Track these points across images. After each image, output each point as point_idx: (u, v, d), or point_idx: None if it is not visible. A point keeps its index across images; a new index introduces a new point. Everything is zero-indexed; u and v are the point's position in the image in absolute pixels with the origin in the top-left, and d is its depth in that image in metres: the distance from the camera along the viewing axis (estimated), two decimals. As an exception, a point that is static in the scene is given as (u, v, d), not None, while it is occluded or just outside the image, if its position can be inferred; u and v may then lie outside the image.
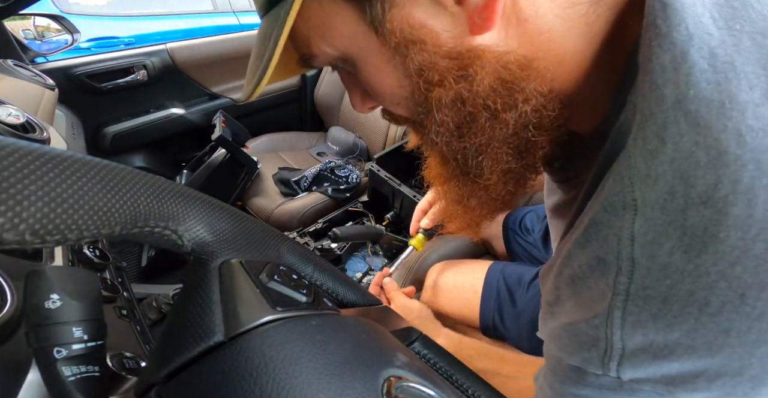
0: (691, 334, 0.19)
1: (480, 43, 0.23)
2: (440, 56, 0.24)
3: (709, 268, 0.18)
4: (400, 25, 0.23)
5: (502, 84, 0.24)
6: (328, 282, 0.32)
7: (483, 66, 0.24)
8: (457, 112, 0.26)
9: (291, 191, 1.31)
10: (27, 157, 0.16)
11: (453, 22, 0.23)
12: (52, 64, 1.19)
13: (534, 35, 0.23)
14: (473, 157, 0.28)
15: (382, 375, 0.20)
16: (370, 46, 0.25)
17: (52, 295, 0.23)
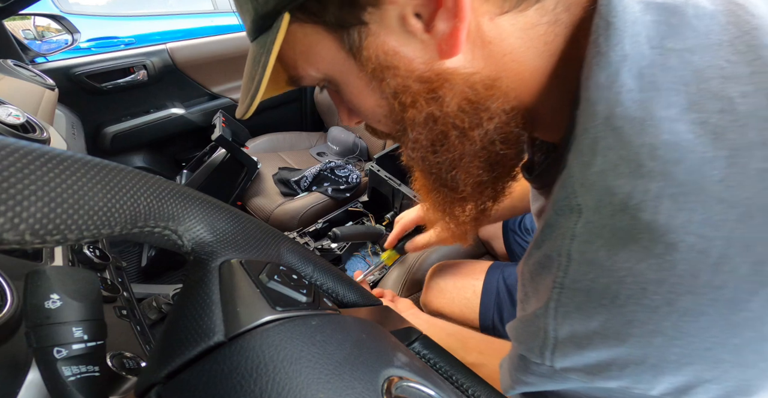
0: (605, 324, 0.21)
1: (449, 66, 0.25)
2: (412, 80, 0.26)
3: (621, 264, 0.20)
4: (375, 53, 0.25)
5: (469, 104, 0.26)
6: (328, 282, 0.32)
7: (452, 88, 0.26)
8: (429, 130, 0.28)
9: (291, 191, 1.31)
10: (27, 157, 0.16)
11: (423, 49, 0.25)
12: (52, 64, 1.19)
13: (498, 56, 0.25)
14: (447, 170, 0.30)
15: (382, 375, 0.20)
16: (350, 71, 0.27)
17: (52, 295, 0.23)
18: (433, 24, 0.23)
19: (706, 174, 0.18)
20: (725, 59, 0.20)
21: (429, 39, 0.24)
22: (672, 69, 0.21)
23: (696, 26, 0.21)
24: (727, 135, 0.19)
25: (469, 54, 0.25)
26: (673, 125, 0.19)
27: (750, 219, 0.17)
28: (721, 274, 0.17)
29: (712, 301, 0.18)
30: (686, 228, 0.18)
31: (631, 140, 0.20)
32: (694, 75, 0.20)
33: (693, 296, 0.18)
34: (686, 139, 0.19)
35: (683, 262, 0.18)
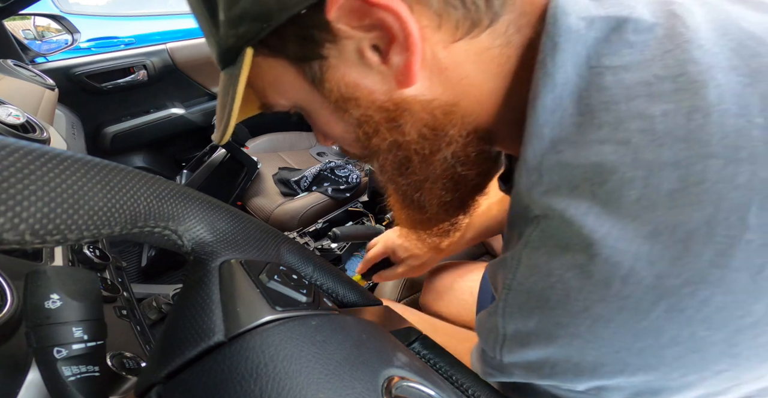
0: (539, 325, 0.23)
1: (408, 95, 0.26)
2: (374, 110, 0.27)
3: (555, 271, 0.22)
4: (336, 85, 0.26)
5: (430, 130, 0.27)
6: (328, 282, 0.32)
7: (412, 115, 0.27)
8: (394, 156, 0.30)
9: (291, 191, 1.31)
10: (27, 157, 0.16)
11: (382, 80, 0.25)
12: (52, 64, 1.19)
13: (455, 81, 0.26)
14: (413, 192, 0.32)
15: (382, 375, 0.20)
16: (315, 101, 0.28)
17: (52, 295, 0.23)
18: (388, 57, 0.24)
19: (625, 193, 0.19)
20: (654, 74, 0.21)
21: (387, 70, 0.25)
22: (606, 89, 0.22)
23: (633, 42, 0.22)
24: (645, 155, 0.19)
25: (427, 81, 0.25)
26: (602, 147, 0.21)
27: (657, 237, 0.18)
28: (629, 285, 0.19)
29: (619, 309, 0.19)
30: (604, 243, 0.19)
31: (569, 162, 0.22)
32: (624, 93, 0.21)
33: (604, 304, 0.20)
34: (610, 160, 0.20)
35: (599, 273, 0.20)
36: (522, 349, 0.24)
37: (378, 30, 0.22)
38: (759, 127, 0.18)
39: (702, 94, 0.19)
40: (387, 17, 0.21)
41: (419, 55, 0.23)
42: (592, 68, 0.23)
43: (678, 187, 0.18)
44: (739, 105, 0.18)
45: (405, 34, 0.22)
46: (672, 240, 0.18)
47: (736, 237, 0.17)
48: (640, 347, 0.20)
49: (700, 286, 0.18)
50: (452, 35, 0.23)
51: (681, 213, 0.18)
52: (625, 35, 0.22)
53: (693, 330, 0.18)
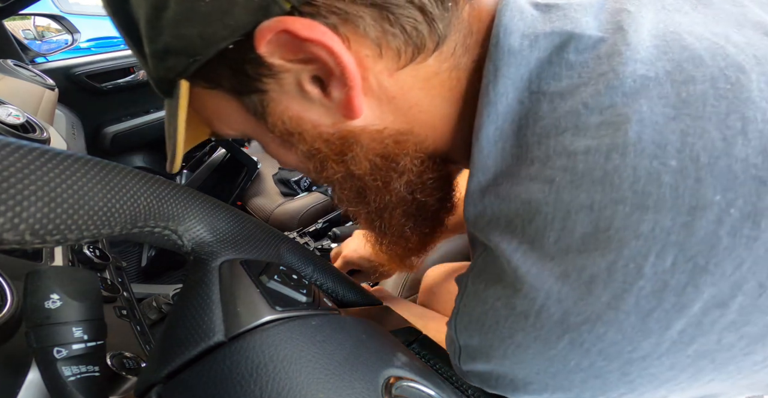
0: (479, 344, 0.24)
1: (356, 126, 0.25)
2: (321, 143, 0.26)
3: (488, 299, 0.22)
4: (280, 119, 0.25)
5: (382, 160, 0.27)
6: (328, 282, 0.32)
7: (361, 147, 0.26)
8: (350, 186, 0.29)
9: (291, 191, 1.31)
10: (27, 157, 0.16)
11: (327, 113, 0.24)
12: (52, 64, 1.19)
13: (405, 109, 0.25)
14: (375, 218, 0.32)
15: (382, 375, 0.20)
16: (262, 132, 0.27)
17: (52, 295, 0.23)
18: (328, 90, 0.23)
19: (546, 234, 0.20)
20: (583, 103, 0.20)
21: (329, 103, 0.24)
22: (540, 119, 0.21)
23: (573, 63, 0.21)
24: (564, 195, 0.19)
25: (376, 110, 0.24)
26: (531, 184, 0.21)
27: (566, 278, 0.19)
28: (541, 319, 0.20)
29: (534, 338, 0.21)
30: (525, 280, 0.20)
31: (506, 196, 0.22)
32: (554, 125, 0.21)
33: (524, 333, 0.21)
34: (536, 198, 0.20)
35: (520, 306, 0.21)
36: (472, 362, 0.25)
37: (315, 63, 0.22)
38: (671, 171, 0.17)
39: (623, 129, 0.18)
40: (319, 52, 0.20)
41: (359, 89, 0.22)
42: (532, 94, 0.22)
43: (589, 231, 0.18)
44: (657, 144, 0.18)
45: (341, 68, 0.21)
46: (578, 283, 0.19)
47: (631, 284, 0.17)
48: (553, 371, 0.21)
49: (597, 324, 0.19)
50: (396, 63, 0.22)
51: (588, 258, 0.18)
52: (566, 55, 0.21)
53: (592, 361, 0.20)
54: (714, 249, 0.16)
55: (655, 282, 0.17)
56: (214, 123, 0.29)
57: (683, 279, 0.17)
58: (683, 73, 0.19)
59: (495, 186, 0.23)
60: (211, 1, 0.19)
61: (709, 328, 0.17)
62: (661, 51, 0.20)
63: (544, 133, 0.21)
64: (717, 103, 0.18)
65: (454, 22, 0.22)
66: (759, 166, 0.16)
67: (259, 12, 0.19)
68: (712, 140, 0.17)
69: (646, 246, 0.17)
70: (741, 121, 0.17)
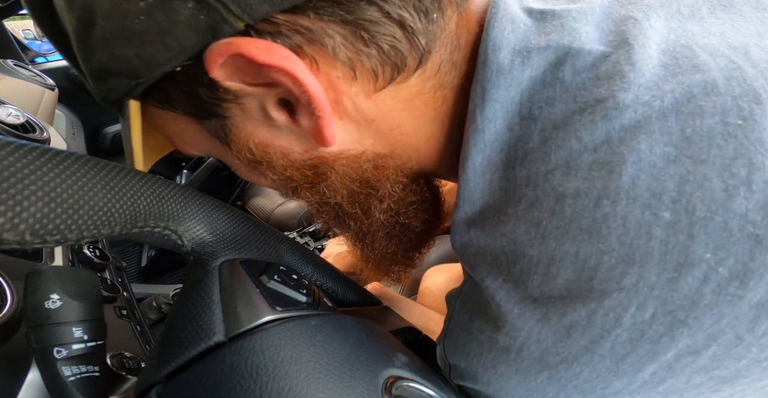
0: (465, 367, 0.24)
1: (331, 152, 0.23)
2: (293, 171, 0.24)
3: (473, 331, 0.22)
4: (245, 146, 0.23)
5: (359, 187, 0.25)
6: (328, 282, 0.32)
7: (337, 174, 0.24)
8: (327, 211, 0.28)
9: (291, 191, 1.31)
10: (27, 157, 0.16)
11: (297, 139, 0.22)
12: (52, 64, 1.19)
13: (386, 132, 0.23)
14: (357, 241, 0.31)
15: (382, 375, 0.20)
16: (229, 156, 0.25)
17: (52, 295, 0.23)
18: (296, 118, 0.20)
19: (530, 277, 0.19)
20: (577, 137, 0.18)
21: (299, 130, 0.21)
22: (530, 151, 0.20)
23: (569, 84, 0.19)
24: (550, 241, 0.18)
25: (354, 133, 0.22)
26: (517, 224, 0.20)
27: (547, 322, 0.19)
28: (521, 355, 0.20)
29: (515, 371, 0.21)
30: (507, 318, 0.20)
31: (492, 232, 0.21)
32: (544, 160, 0.19)
33: (505, 365, 0.21)
34: (522, 240, 0.19)
35: (502, 341, 0.21)
36: (461, 380, 0.25)
37: (278, 87, 0.19)
38: (663, 224, 0.16)
39: (617, 172, 0.17)
40: (281, 78, 0.18)
41: (329, 119, 0.20)
42: (523, 120, 0.20)
43: (572, 279, 0.18)
44: (652, 192, 0.16)
45: (306, 96, 0.19)
46: (557, 327, 0.19)
47: (609, 331, 0.17)
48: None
49: (573, 364, 0.19)
50: (372, 85, 0.20)
51: (569, 305, 0.18)
52: (562, 74, 0.19)
53: (568, 394, 0.20)
54: (695, 304, 0.16)
55: (633, 331, 0.17)
56: (176, 142, 0.26)
57: (660, 330, 0.17)
58: (691, 103, 0.17)
59: (482, 220, 0.22)
60: (145, 19, 0.17)
61: (679, 371, 0.17)
62: (670, 72, 0.18)
63: (534, 169, 0.19)
64: (724, 143, 0.16)
65: (440, 35, 0.20)
66: (758, 223, 0.15)
67: (207, 32, 0.17)
68: (712, 191, 0.16)
69: (628, 299, 0.17)
70: (747, 168, 0.15)
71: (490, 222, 0.21)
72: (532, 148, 0.20)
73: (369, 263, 0.34)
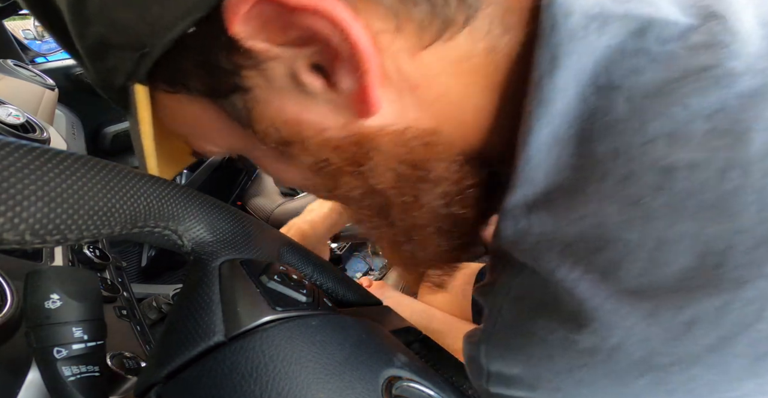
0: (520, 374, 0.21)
1: (372, 126, 0.20)
2: (330, 151, 0.21)
3: (537, 331, 0.20)
4: (272, 125, 0.20)
5: (409, 168, 0.21)
6: (328, 282, 0.32)
7: (382, 154, 0.21)
8: (369, 204, 0.23)
9: (291, 191, 1.31)
10: (27, 157, 0.16)
11: (333, 110, 0.19)
12: (52, 64, 1.19)
13: (430, 101, 0.20)
14: (403, 242, 0.25)
15: (382, 375, 0.20)
16: (252, 145, 0.22)
17: (52, 295, 0.23)
18: (334, 79, 0.18)
19: (626, 265, 0.16)
20: (682, 104, 0.16)
21: (336, 97, 0.18)
22: (615, 122, 0.17)
23: (657, 54, 0.17)
24: (656, 222, 0.16)
25: (397, 104, 0.19)
26: (603, 204, 0.17)
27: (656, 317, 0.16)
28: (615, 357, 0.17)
29: (603, 375, 0.18)
30: (594, 315, 0.17)
31: (562, 216, 0.19)
32: (638, 130, 0.17)
33: (588, 369, 0.18)
34: (613, 223, 0.17)
35: (585, 342, 0.18)
36: (506, 388, 0.22)
37: (313, 44, 0.16)
38: None
39: (744, 141, 0.15)
40: (319, 25, 0.15)
41: (377, 72, 0.17)
42: (600, 89, 0.18)
43: (691, 266, 0.15)
44: None
45: (350, 44, 0.16)
46: (672, 323, 0.16)
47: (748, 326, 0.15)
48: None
49: (693, 366, 0.16)
50: (418, 40, 0.17)
51: (689, 298, 0.15)
52: (646, 44, 0.17)
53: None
54: None
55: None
56: (192, 139, 0.23)
57: None
58: None
59: (547, 203, 0.19)
60: None
61: None
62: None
63: (623, 141, 0.17)
64: None
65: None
66: None
67: None
68: None
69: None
70: None
71: (560, 204, 0.19)
72: (616, 118, 0.17)
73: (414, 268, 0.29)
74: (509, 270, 0.22)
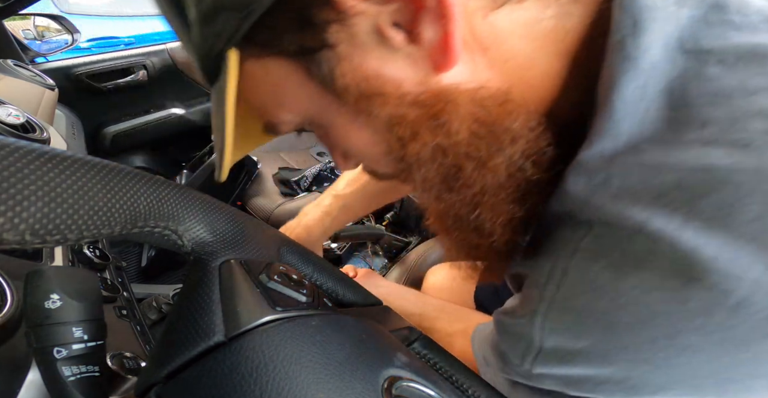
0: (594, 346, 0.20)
1: (448, 82, 0.21)
2: (407, 106, 0.21)
3: (627, 291, 0.18)
4: (353, 80, 0.21)
5: (483, 126, 0.22)
6: (328, 282, 0.32)
7: (457, 109, 0.21)
8: (439, 165, 0.23)
9: (291, 191, 1.31)
10: (27, 157, 0.16)
11: (412, 65, 0.20)
12: (52, 64, 1.19)
13: (500, 63, 0.21)
14: (469, 211, 0.25)
15: (382, 375, 0.20)
16: (330, 107, 0.23)
17: (52, 295, 0.23)
18: (417, 31, 0.19)
19: (740, 208, 0.16)
20: None
21: (417, 51, 0.20)
22: (711, 79, 0.18)
23: (740, 24, 0.18)
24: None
25: (469, 64, 0.20)
26: (706, 149, 0.17)
27: None
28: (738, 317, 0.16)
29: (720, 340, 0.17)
30: (710, 266, 0.16)
31: (655, 165, 0.18)
32: (738, 85, 0.17)
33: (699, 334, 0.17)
34: (721, 166, 0.16)
35: (698, 300, 0.16)
36: (561, 365, 0.21)
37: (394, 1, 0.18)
38: None
39: None
40: None
41: (459, 21, 0.18)
42: (689, 53, 0.18)
43: None
44: None
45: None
46: None
47: None
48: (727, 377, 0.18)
49: None
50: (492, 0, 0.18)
51: None
52: (729, 16, 0.18)
53: None
54: None
55: None
56: (269, 108, 0.24)
57: None
58: None
59: (634, 153, 0.19)
60: None
61: None
62: None
63: (723, 93, 0.17)
64: None
65: None
66: None
67: None
68: None
69: None
70: None
71: (653, 154, 0.19)
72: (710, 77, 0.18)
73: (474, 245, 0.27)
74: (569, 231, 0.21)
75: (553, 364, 0.22)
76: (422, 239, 1.03)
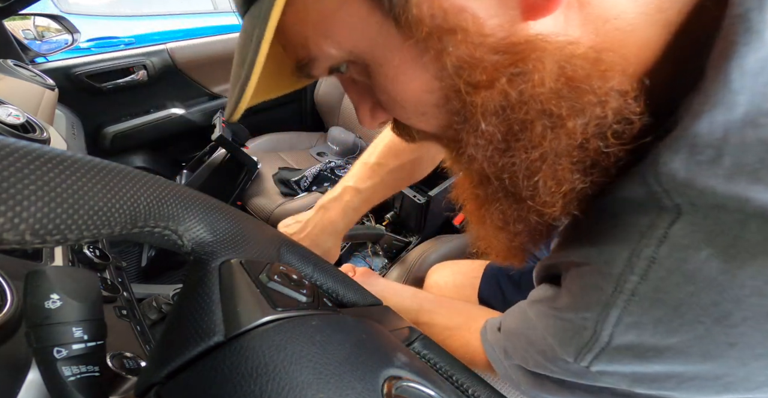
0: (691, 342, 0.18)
1: (537, 32, 0.19)
2: (487, 49, 0.19)
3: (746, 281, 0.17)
4: (430, 11, 0.18)
5: (568, 83, 0.20)
6: (328, 282, 0.32)
7: (543, 60, 0.19)
8: (504, 120, 0.21)
9: (291, 191, 1.31)
10: (27, 157, 0.16)
11: (501, 4, 0.18)
12: (52, 64, 1.19)
13: (598, 23, 0.19)
14: (525, 176, 0.22)
15: (382, 375, 0.20)
16: (388, 42, 0.20)
17: (52, 295, 0.23)
18: None
19: None
20: None
21: None
22: None
23: None
24: None
25: (562, 17, 0.18)
26: None
27: None
28: None
29: None
30: None
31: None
32: None
33: None
34: None
35: None
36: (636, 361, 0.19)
37: None
38: None
39: None
40: None
41: None
42: None
43: None
44: None
45: None
46: None
47: None
48: None
49: None
50: None
51: None
52: None
53: None
54: None
55: None
56: (314, 39, 0.21)
57: None
58: None
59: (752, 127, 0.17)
60: None
61: None
62: None
63: None
64: None
65: None
66: None
67: None
68: None
69: None
70: None
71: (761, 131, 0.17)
72: None
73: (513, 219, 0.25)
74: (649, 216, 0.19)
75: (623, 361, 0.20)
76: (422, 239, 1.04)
